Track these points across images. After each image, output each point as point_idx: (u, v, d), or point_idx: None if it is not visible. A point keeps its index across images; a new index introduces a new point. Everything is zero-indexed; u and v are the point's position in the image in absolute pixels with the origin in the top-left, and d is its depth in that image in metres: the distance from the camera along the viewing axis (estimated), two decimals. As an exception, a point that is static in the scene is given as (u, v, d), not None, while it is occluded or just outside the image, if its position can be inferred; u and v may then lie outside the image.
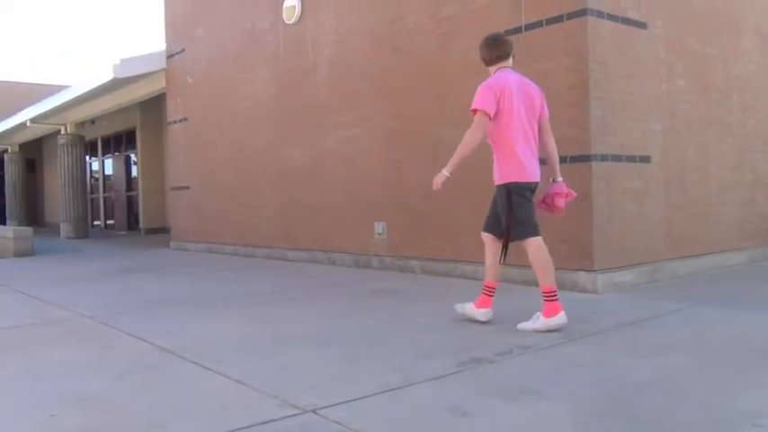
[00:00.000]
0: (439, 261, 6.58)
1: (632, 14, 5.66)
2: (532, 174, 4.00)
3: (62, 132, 15.97)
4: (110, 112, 14.99)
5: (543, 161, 4.21)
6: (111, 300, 5.74)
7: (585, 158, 5.29)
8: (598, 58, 5.33)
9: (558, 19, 5.44)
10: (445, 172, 4.06)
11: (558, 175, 4.18)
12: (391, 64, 7.12)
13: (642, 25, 5.75)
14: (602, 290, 5.21)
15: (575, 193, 4.18)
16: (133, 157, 17.59)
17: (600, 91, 5.34)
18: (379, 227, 7.29)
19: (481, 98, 3.94)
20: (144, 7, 53.29)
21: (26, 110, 15.93)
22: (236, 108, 9.78)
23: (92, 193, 19.79)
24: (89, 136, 17.85)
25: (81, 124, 16.33)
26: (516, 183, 3.97)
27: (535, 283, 5.56)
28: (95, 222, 19.73)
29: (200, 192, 10.92)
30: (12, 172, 21.52)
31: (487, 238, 4.21)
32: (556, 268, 5.43)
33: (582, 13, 5.28)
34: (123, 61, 11.21)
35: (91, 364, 3.49)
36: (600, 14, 5.35)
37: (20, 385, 3.13)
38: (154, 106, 15.48)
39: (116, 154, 18.76)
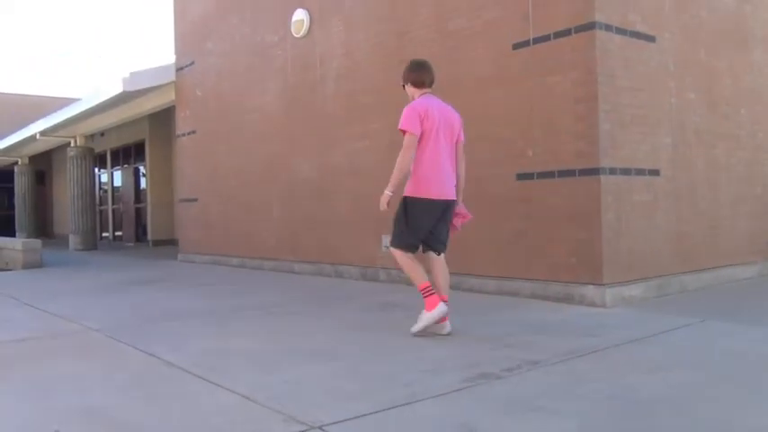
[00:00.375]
0: (446, 274, 6.55)
1: (641, 28, 5.65)
2: (442, 192, 4.25)
3: (72, 145, 16.10)
4: (119, 124, 15.11)
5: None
6: (119, 313, 5.75)
7: (594, 172, 5.27)
8: (606, 72, 5.32)
9: (567, 32, 5.44)
10: (388, 192, 4.27)
11: (460, 198, 4.45)
12: (399, 77, 7.10)
13: (651, 38, 5.74)
14: (610, 304, 5.17)
15: (470, 215, 4.48)
16: (142, 169, 17.70)
17: (608, 104, 5.32)
18: (386, 239, 7.27)
19: (407, 119, 4.22)
20: (143, 7, 53.73)
21: (36, 123, 16.10)
22: (245, 121, 9.82)
23: (100, 204, 19.92)
24: (98, 148, 18.00)
25: (90, 137, 16.47)
26: (418, 198, 4.22)
27: (543, 297, 5.56)
28: (104, 234, 19.82)
29: (208, 204, 10.96)
30: (21, 184, 21.68)
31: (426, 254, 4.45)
32: (564, 282, 5.43)
33: (590, 26, 5.28)
34: (133, 74, 11.31)
35: (97, 379, 3.49)
36: (608, 28, 5.35)
37: (25, 399, 3.12)
38: (163, 119, 15.59)
39: (125, 166, 18.89)
